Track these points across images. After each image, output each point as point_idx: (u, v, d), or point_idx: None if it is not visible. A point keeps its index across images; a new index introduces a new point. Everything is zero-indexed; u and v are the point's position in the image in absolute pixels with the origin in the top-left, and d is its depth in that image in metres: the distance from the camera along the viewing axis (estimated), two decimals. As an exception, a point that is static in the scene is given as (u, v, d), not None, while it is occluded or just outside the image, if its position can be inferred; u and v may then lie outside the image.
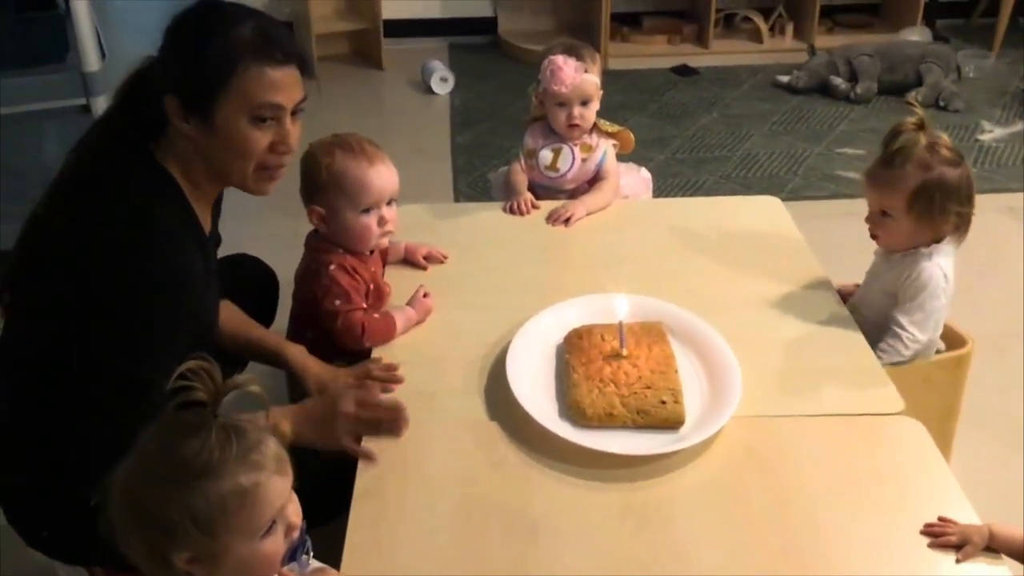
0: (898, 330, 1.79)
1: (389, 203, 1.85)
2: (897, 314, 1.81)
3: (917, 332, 1.80)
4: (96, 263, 1.42)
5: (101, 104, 2.87)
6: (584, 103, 2.28)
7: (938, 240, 1.80)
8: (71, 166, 1.52)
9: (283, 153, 1.53)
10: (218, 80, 1.44)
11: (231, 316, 1.82)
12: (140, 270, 1.42)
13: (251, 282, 1.95)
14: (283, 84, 1.48)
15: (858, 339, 1.81)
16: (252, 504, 1.11)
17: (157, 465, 1.10)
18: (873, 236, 1.86)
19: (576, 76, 2.23)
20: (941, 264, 1.79)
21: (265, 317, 2.00)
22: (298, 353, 1.80)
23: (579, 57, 2.25)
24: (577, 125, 2.29)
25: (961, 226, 1.79)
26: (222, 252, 1.80)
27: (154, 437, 1.12)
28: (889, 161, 1.78)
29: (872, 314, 1.89)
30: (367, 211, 1.83)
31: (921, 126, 1.77)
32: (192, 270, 1.49)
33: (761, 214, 2.30)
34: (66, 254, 1.44)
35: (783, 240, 2.17)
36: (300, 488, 1.20)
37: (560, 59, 2.23)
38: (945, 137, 1.79)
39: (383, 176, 1.83)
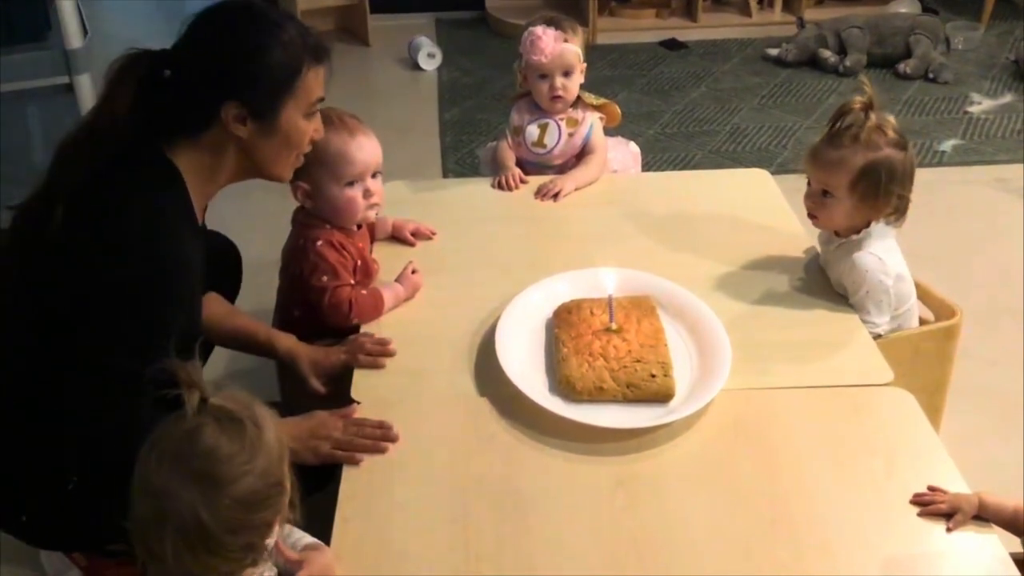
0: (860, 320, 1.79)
1: (374, 176, 1.84)
2: (852, 306, 1.82)
3: (875, 318, 1.80)
4: (101, 253, 1.41)
5: (84, 82, 2.83)
6: (566, 74, 2.26)
7: (870, 222, 1.79)
8: (73, 162, 1.48)
9: (315, 141, 1.65)
10: (286, 86, 1.52)
11: (217, 307, 1.81)
12: (145, 261, 1.41)
13: (214, 256, 1.94)
14: (324, 79, 1.58)
15: (847, 311, 1.81)
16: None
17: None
18: (811, 216, 1.84)
19: (556, 46, 2.21)
20: (874, 249, 1.78)
21: (229, 291, 1.98)
22: (287, 341, 1.79)
23: (559, 27, 2.23)
24: (560, 97, 2.27)
25: (901, 209, 1.77)
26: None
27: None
28: (835, 140, 1.76)
29: None
30: (351, 184, 1.81)
31: (869, 106, 1.75)
32: (192, 264, 1.49)
33: (750, 187, 2.30)
34: (69, 243, 1.42)
35: (772, 213, 2.16)
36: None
37: (539, 29, 2.22)
38: (892, 119, 1.77)
39: (365, 148, 1.81)
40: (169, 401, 1.10)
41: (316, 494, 1.47)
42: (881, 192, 1.73)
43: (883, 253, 1.79)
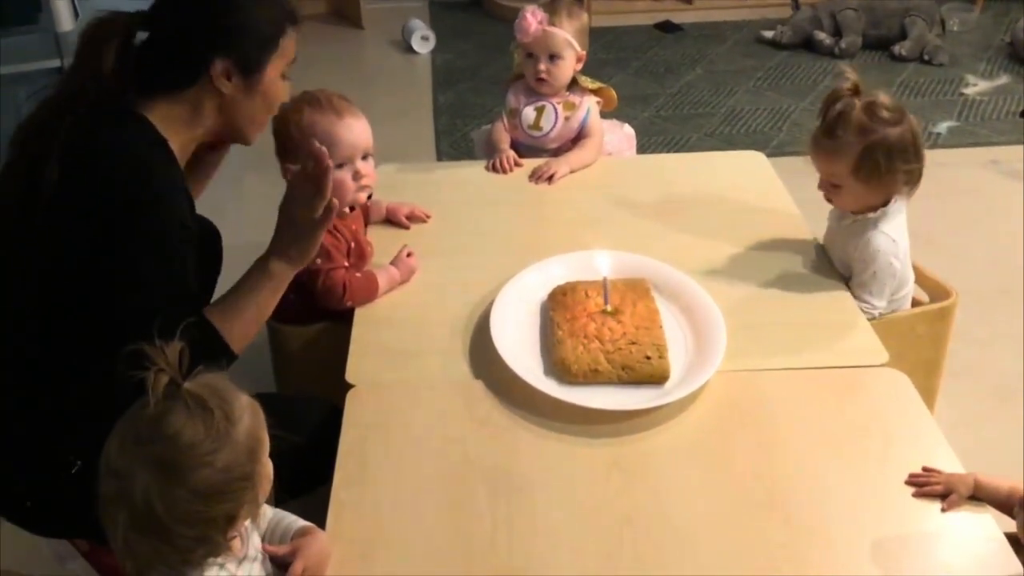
0: (857, 301, 1.79)
1: (364, 157, 1.83)
2: (853, 286, 1.81)
3: (875, 300, 1.80)
4: (103, 216, 1.40)
5: (76, 66, 2.81)
6: (552, 58, 2.25)
7: (889, 199, 1.79)
8: (49, 121, 1.48)
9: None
10: (271, 42, 1.56)
11: None
12: (148, 222, 1.41)
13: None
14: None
15: (842, 292, 1.80)
16: None
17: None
18: (828, 200, 1.85)
19: (538, 28, 2.20)
20: (888, 230, 1.78)
21: (210, 276, 1.96)
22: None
23: (553, 12, 2.22)
24: (543, 80, 2.27)
25: (911, 182, 1.77)
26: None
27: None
28: (829, 130, 1.75)
29: None
30: (340, 166, 1.79)
31: (856, 90, 1.75)
32: (188, 221, 1.49)
33: (746, 170, 2.29)
34: (65, 209, 1.42)
35: (768, 195, 2.15)
36: (283, 459, 1.19)
37: (529, 9, 2.21)
38: (883, 95, 1.76)
39: (354, 129, 1.80)
40: (140, 383, 1.08)
41: (304, 495, 1.48)
42: (884, 172, 1.73)
43: (897, 234, 1.79)
